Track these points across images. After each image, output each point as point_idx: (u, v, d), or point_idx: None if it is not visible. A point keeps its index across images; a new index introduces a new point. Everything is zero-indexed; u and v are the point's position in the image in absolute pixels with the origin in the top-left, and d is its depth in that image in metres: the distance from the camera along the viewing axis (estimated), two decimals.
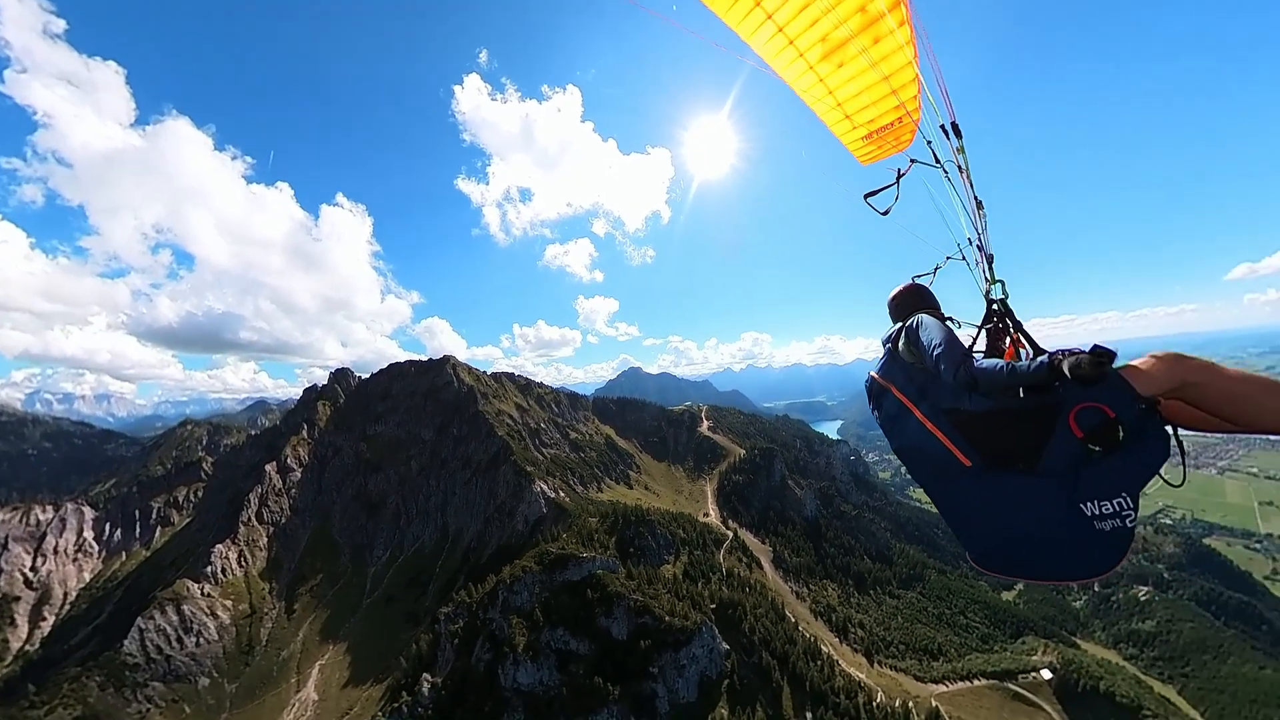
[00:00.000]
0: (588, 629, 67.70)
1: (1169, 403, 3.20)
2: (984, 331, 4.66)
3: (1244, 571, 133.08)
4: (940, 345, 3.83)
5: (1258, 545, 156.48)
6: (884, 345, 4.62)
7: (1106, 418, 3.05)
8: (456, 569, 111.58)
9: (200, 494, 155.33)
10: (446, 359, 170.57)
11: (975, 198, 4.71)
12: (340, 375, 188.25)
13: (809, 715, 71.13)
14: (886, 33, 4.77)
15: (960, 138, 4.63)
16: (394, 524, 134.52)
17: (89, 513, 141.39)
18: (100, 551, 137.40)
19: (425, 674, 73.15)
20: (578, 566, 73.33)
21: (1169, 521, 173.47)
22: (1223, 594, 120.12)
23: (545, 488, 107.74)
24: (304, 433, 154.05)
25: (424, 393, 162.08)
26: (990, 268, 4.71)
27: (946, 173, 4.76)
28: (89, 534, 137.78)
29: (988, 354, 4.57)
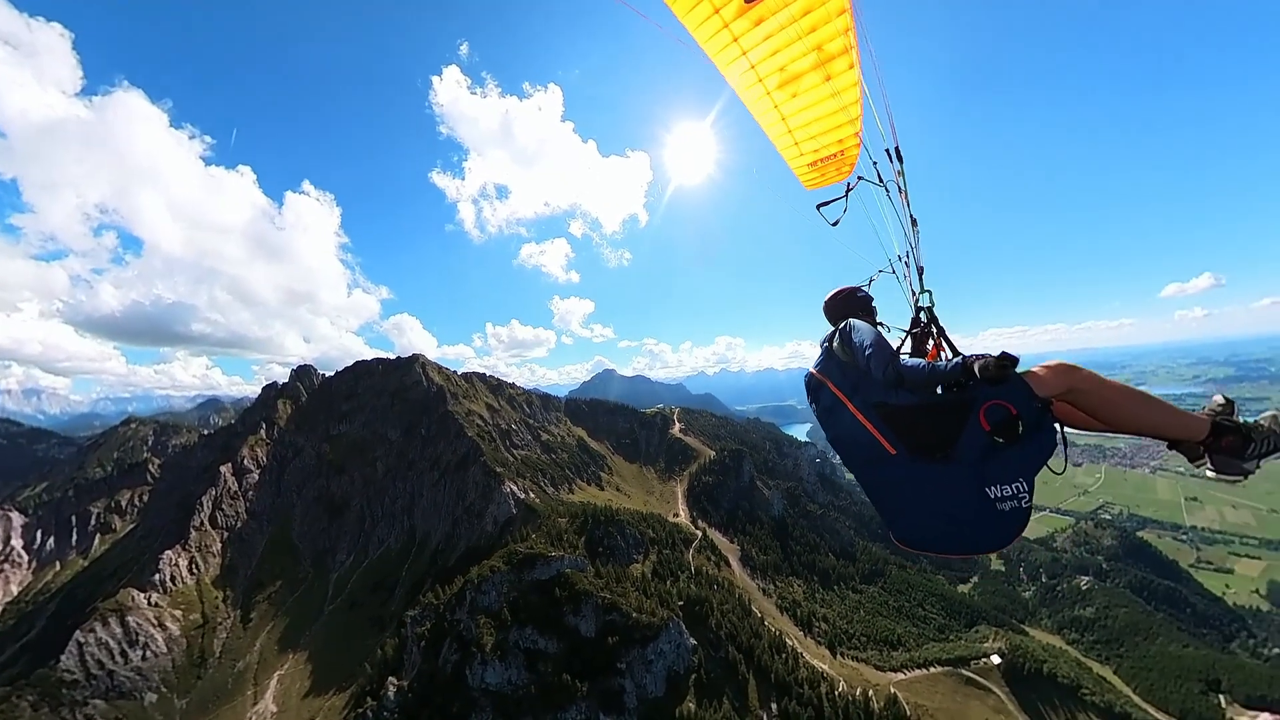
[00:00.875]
0: (556, 627, 67.86)
1: (1059, 404, 3.78)
2: (910, 336, 5.13)
3: (1172, 561, 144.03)
4: (870, 346, 4.26)
5: (1184, 537, 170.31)
6: (821, 345, 4.99)
7: (1009, 414, 3.56)
8: (424, 572, 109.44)
9: (146, 498, 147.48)
10: (415, 358, 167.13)
11: (911, 216, 5.23)
12: (302, 372, 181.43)
13: (774, 706, 73.10)
14: (837, 73, 5.21)
15: (901, 162, 5.18)
16: (358, 527, 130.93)
17: (16, 519, 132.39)
18: (30, 562, 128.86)
19: (391, 678, 71.84)
20: (546, 566, 73.38)
21: (1108, 517, 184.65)
22: (1153, 581, 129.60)
23: (515, 489, 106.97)
24: (262, 432, 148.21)
25: (391, 392, 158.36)
26: (920, 279, 5.17)
27: (888, 191, 5.27)
28: (17, 542, 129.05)
29: (913, 355, 5.01)
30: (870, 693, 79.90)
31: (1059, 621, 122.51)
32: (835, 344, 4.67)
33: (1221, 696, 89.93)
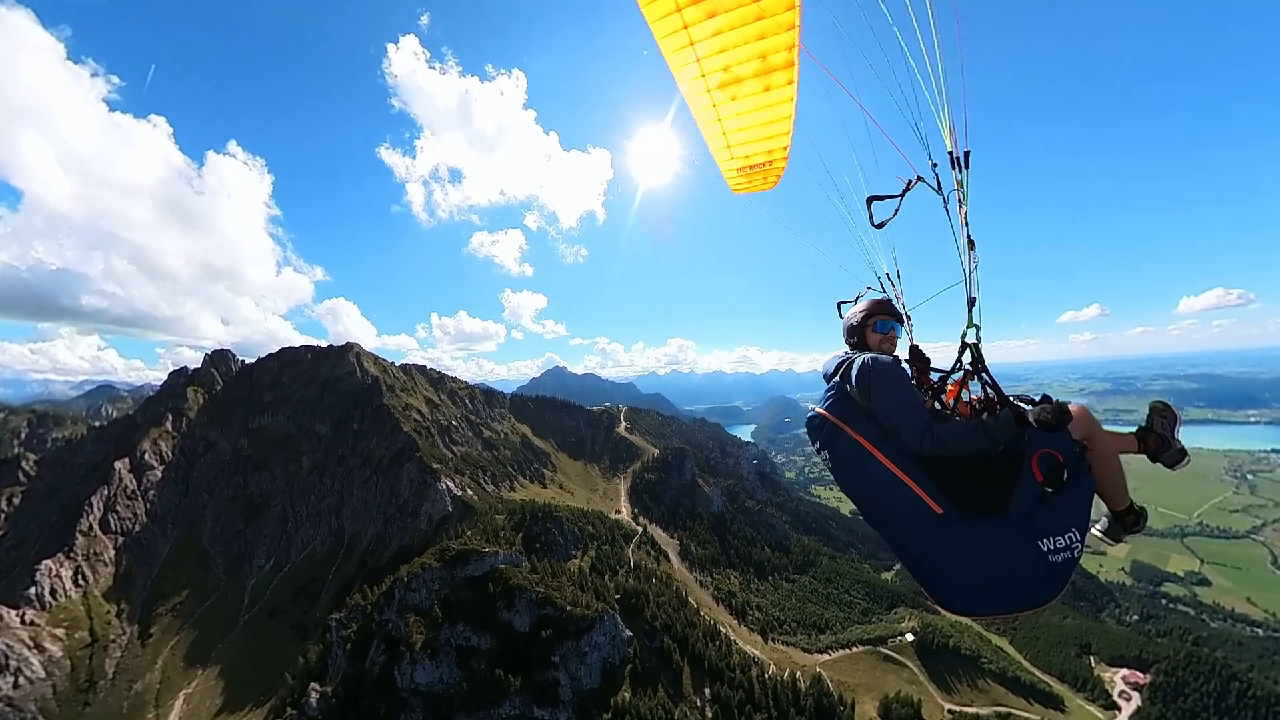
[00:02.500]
0: (489, 623, 66.79)
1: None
2: (916, 363, 4.70)
3: None
4: (900, 406, 3.68)
5: None
6: (827, 378, 4.30)
7: (1058, 461, 3.44)
8: (353, 574, 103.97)
9: (18, 500, 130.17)
10: (349, 346, 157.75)
11: (969, 236, 4.39)
12: (218, 358, 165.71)
13: (707, 691, 75.52)
14: (776, 85, 5.14)
15: (968, 170, 4.40)
16: (280, 529, 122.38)
17: None
18: None
19: (313, 684, 67.99)
20: (480, 562, 71.96)
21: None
22: None
23: (452, 485, 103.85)
24: (168, 424, 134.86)
25: (321, 382, 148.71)
26: (971, 311, 4.25)
27: (945, 202, 4.49)
28: None
29: (916, 380, 4.56)
30: (797, 673, 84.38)
31: None
32: (851, 386, 3.96)
33: (1091, 658, 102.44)
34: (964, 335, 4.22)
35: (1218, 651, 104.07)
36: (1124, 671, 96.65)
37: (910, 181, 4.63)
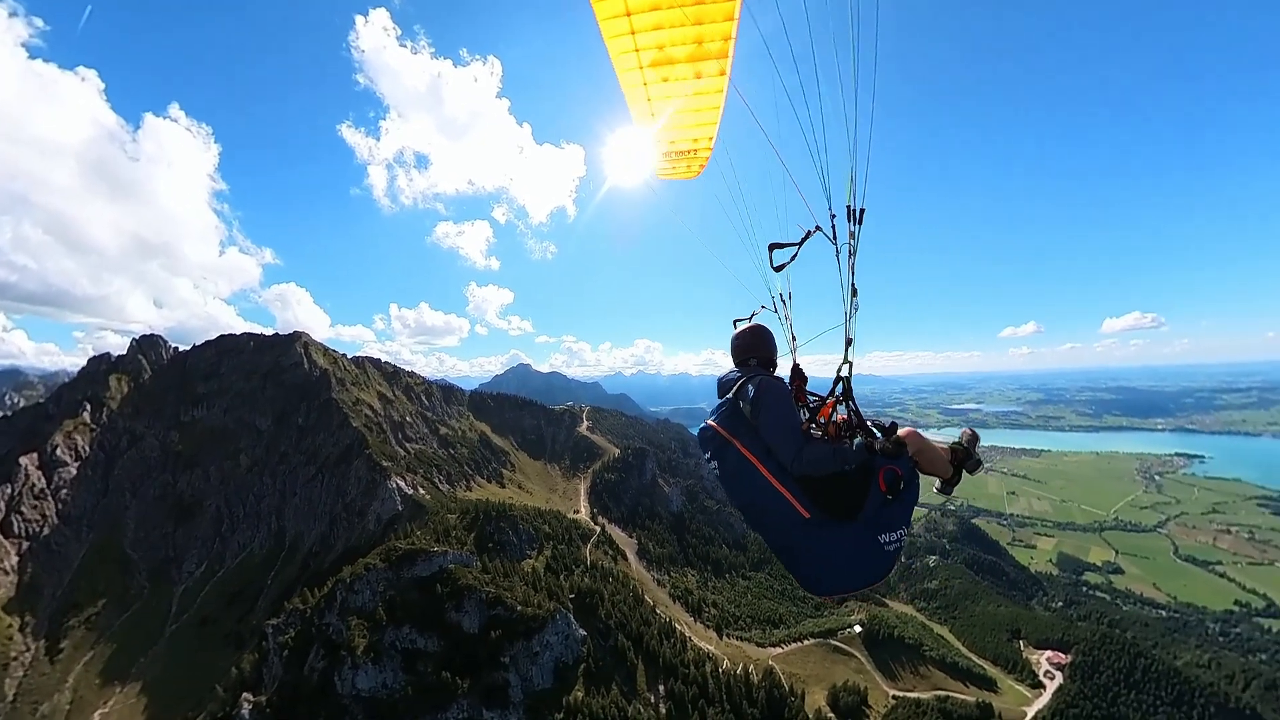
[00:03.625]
0: (436, 625, 64.67)
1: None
2: (796, 380, 5.45)
3: (995, 541, 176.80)
4: (782, 426, 4.42)
5: (1004, 522, 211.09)
6: (722, 395, 4.90)
7: (897, 475, 4.40)
8: (294, 579, 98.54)
9: None
10: (297, 335, 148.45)
11: (854, 284, 4.99)
12: (148, 344, 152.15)
13: (661, 688, 75.80)
14: (707, 74, 5.19)
15: (860, 224, 4.87)
16: (213, 531, 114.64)
17: None
18: None
19: (246, 694, 63.88)
20: (427, 562, 69.53)
21: (952, 507, 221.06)
22: (981, 557, 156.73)
23: (403, 484, 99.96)
24: (85, 415, 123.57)
25: (264, 373, 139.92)
26: (847, 350, 5.02)
27: (838, 252, 4.97)
28: None
29: (796, 398, 5.30)
30: (750, 667, 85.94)
31: (912, 593, 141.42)
32: (744, 404, 4.60)
33: (1021, 642, 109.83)
34: (840, 370, 5.07)
35: (1128, 632, 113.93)
36: (1049, 653, 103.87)
37: (809, 231, 5.18)
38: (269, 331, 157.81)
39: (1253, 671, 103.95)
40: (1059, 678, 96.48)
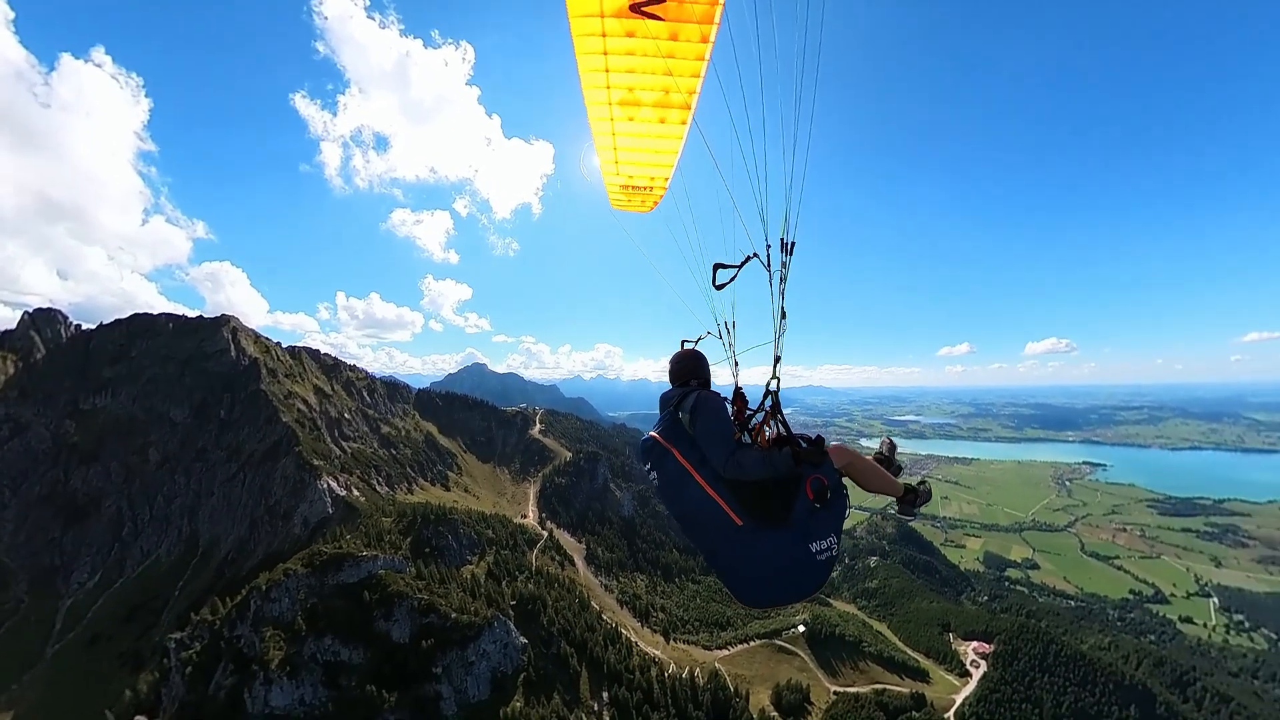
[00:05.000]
0: (363, 635, 60.13)
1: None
2: (738, 403, 5.68)
3: (929, 541, 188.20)
4: (717, 433, 4.62)
5: (938, 525, 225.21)
6: (663, 408, 5.19)
7: (824, 484, 4.46)
8: (206, 588, 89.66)
9: None
10: (225, 319, 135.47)
11: (783, 309, 5.48)
12: (43, 318, 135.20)
13: (605, 695, 73.96)
14: (671, 120, 5.64)
15: (790, 255, 5.46)
16: (111, 536, 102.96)
17: None
18: None
19: (139, 718, 56.91)
20: (355, 567, 64.66)
21: (891, 512, 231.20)
22: (917, 557, 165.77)
23: (335, 485, 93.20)
24: None
25: (183, 359, 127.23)
26: (775, 367, 5.45)
27: (770, 279, 5.48)
28: None
29: (736, 418, 5.55)
30: (696, 670, 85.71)
31: (854, 593, 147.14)
32: (684, 415, 4.83)
33: (950, 634, 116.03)
34: (769, 385, 5.42)
35: (1043, 622, 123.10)
36: (974, 644, 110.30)
37: (748, 257, 5.70)
38: (197, 313, 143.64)
39: (1144, 651, 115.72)
40: (983, 666, 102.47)
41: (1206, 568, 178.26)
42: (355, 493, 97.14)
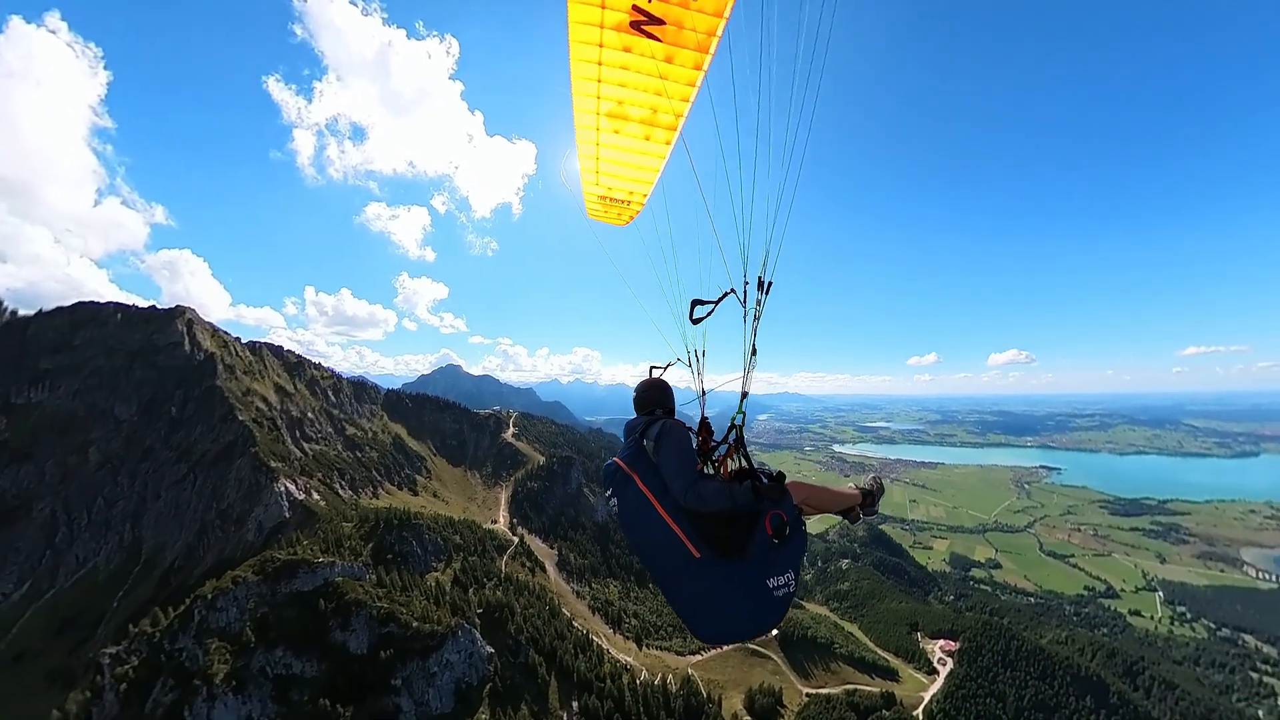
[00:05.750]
0: (318, 646, 56.82)
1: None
2: (703, 433, 5.65)
3: (899, 544, 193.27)
4: (680, 463, 4.55)
5: (906, 527, 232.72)
6: (627, 436, 5.17)
7: (783, 520, 4.42)
8: (148, 599, 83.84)
9: None
10: (179, 311, 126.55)
11: (754, 345, 5.57)
12: None
13: (575, 705, 72.03)
14: (656, 140, 5.78)
15: (767, 294, 5.53)
16: (43, 542, 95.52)
17: None
18: None
19: None
20: (310, 575, 61.08)
21: (859, 519, 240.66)
22: (887, 559, 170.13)
23: (292, 488, 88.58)
24: None
25: (132, 351, 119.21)
26: (742, 402, 5.57)
27: (745, 315, 5.57)
28: None
29: (700, 449, 5.52)
30: (669, 677, 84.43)
31: (827, 595, 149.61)
32: (648, 442, 4.79)
33: (918, 633, 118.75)
34: (734, 419, 5.49)
35: (1005, 619, 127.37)
36: (941, 642, 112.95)
37: (726, 292, 5.79)
38: (152, 303, 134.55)
39: (1098, 644, 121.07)
40: (950, 663, 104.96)
41: (1152, 564, 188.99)
42: (315, 496, 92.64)
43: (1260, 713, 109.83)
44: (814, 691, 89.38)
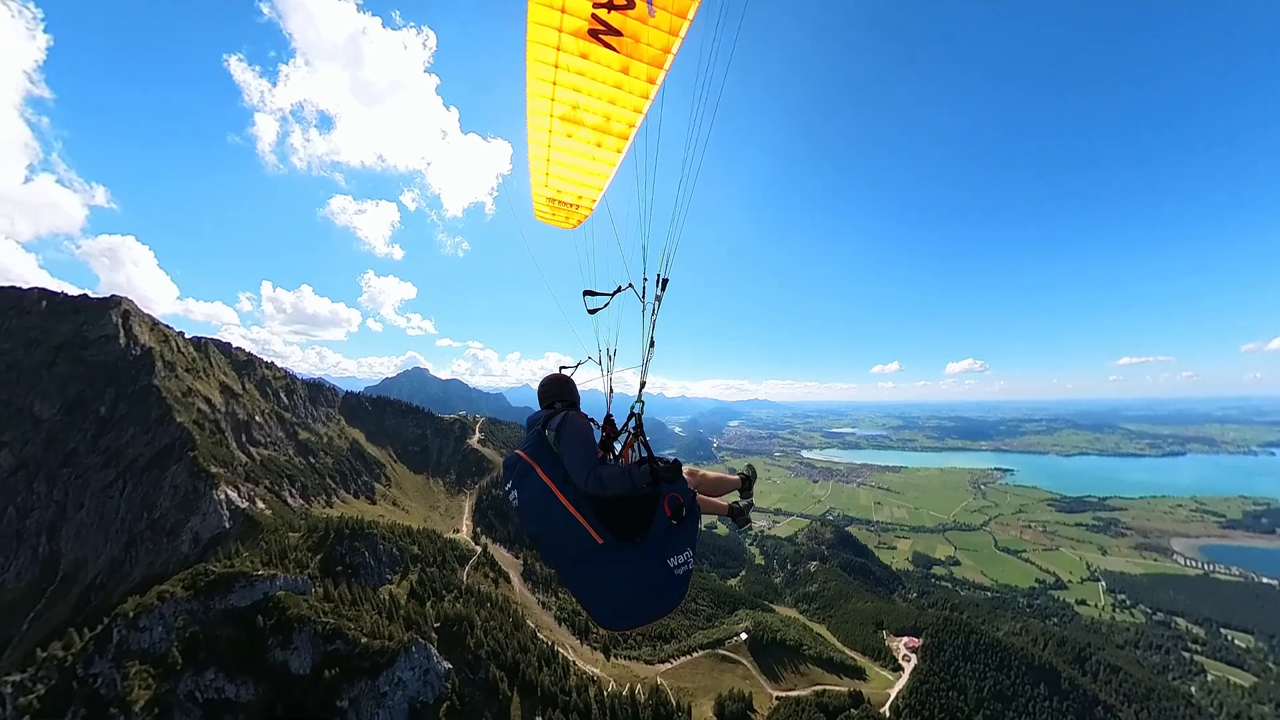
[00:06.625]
0: (254, 666, 52.07)
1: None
2: (607, 428, 5.82)
3: (864, 545, 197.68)
4: (581, 450, 4.64)
5: (871, 528, 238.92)
6: (531, 428, 5.26)
7: (680, 501, 4.68)
8: (65, 619, 75.75)
9: None
10: (114, 300, 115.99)
11: (652, 338, 5.94)
12: None
13: (539, 719, 68.85)
14: (608, 148, 5.89)
15: (664, 290, 5.91)
16: None
17: None
18: None
19: None
20: (248, 589, 56.07)
21: (830, 518, 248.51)
22: (853, 560, 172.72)
23: (234, 495, 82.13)
24: None
25: (57, 344, 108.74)
26: (640, 391, 5.82)
27: (644, 309, 5.94)
28: None
29: (603, 441, 5.66)
30: (638, 687, 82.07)
31: (796, 597, 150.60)
32: (550, 432, 4.92)
33: (884, 632, 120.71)
34: (633, 408, 5.73)
35: (964, 614, 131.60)
36: (905, 639, 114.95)
37: (621, 287, 6.12)
38: (86, 292, 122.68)
39: (1049, 634, 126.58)
40: (914, 659, 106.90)
41: (1095, 556, 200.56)
42: (260, 505, 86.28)
43: (1193, 689, 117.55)
44: (784, 694, 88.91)
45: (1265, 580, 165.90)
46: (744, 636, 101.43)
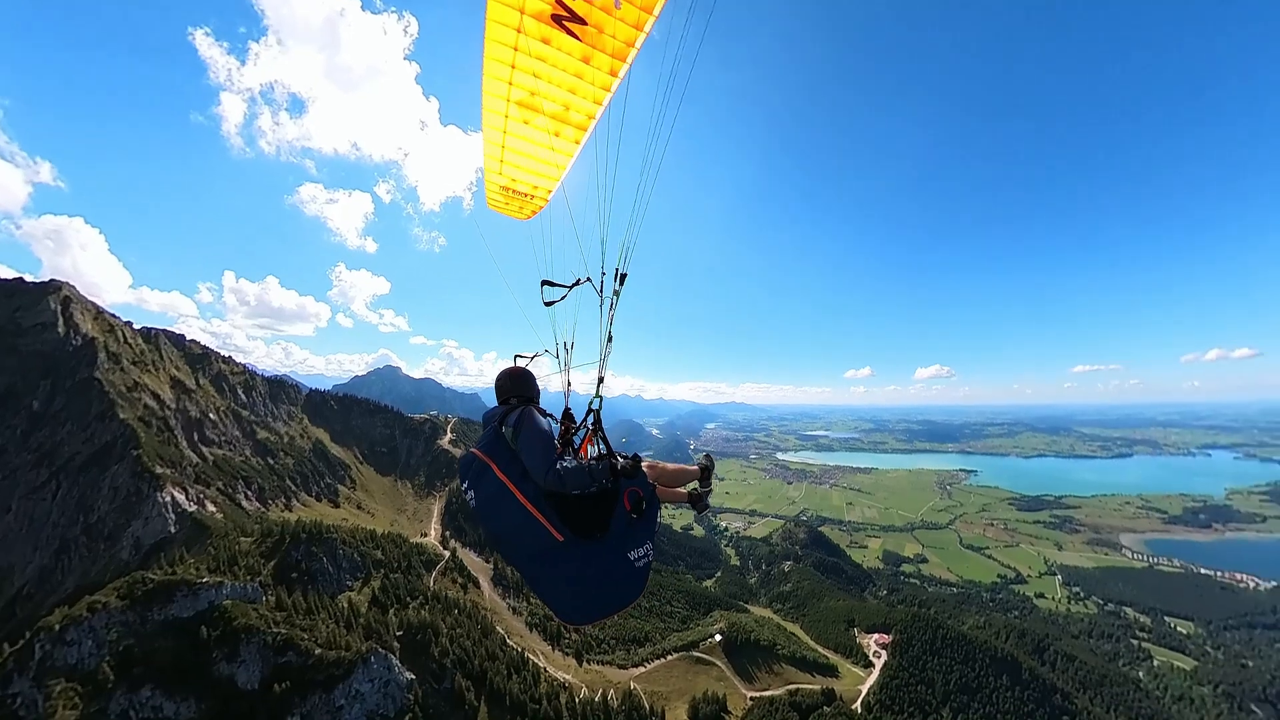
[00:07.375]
0: (197, 682, 48.31)
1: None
2: (565, 422, 5.72)
3: (836, 544, 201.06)
4: (540, 446, 4.48)
5: (843, 528, 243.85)
6: (487, 425, 5.05)
7: (639, 495, 4.74)
8: None
9: None
10: (54, 285, 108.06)
11: (610, 333, 5.89)
12: None
13: None
14: (565, 138, 5.76)
15: (622, 285, 5.85)
16: None
17: None
18: None
19: None
20: (191, 598, 52.14)
21: (804, 518, 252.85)
22: (826, 560, 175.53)
23: (180, 498, 76.91)
24: None
25: None
26: (599, 387, 5.74)
27: (601, 304, 5.86)
28: None
29: (561, 437, 5.54)
30: (610, 692, 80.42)
31: (771, 597, 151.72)
32: (507, 429, 4.75)
33: (855, 629, 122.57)
34: (591, 403, 5.64)
35: (931, 609, 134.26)
36: (876, 636, 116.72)
37: (579, 280, 5.99)
38: (25, 276, 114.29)
39: (1010, 627, 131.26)
40: (884, 656, 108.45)
41: (1052, 551, 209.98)
42: (210, 508, 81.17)
43: (1141, 674, 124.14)
44: (758, 694, 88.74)
45: (1203, 571, 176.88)
46: (718, 638, 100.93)
